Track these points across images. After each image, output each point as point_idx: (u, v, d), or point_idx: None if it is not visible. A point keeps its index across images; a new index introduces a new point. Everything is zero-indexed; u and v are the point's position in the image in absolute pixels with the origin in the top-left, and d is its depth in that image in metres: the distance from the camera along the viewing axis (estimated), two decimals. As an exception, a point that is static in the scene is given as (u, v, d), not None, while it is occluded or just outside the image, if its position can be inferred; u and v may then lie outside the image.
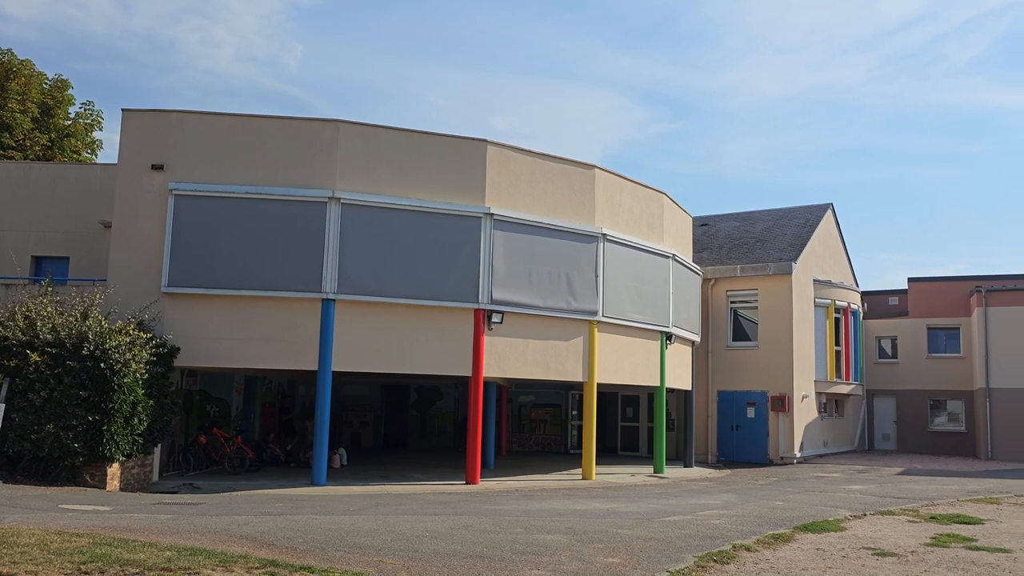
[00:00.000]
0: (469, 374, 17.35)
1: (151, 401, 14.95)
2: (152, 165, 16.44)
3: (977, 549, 10.21)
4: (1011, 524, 12.65)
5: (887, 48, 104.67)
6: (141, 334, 14.74)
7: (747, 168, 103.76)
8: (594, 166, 19.70)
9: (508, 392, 27.75)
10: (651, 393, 23.71)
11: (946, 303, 32.57)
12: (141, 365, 14.44)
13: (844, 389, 29.63)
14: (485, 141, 17.91)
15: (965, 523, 12.60)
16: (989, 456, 28.69)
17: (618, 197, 20.32)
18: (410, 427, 30.49)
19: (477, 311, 17.25)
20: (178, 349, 15.83)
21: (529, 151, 18.65)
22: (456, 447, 27.31)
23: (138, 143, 16.59)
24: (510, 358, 17.88)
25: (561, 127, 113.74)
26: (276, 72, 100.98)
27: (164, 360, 15.40)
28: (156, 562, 7.66)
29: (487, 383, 19.84)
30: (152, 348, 14.83)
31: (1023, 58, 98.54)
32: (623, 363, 20.23)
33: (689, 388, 24.36)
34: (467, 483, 17.35)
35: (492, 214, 17.47)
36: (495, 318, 17.39)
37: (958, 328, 32.42)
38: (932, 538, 10.96)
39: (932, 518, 13.15)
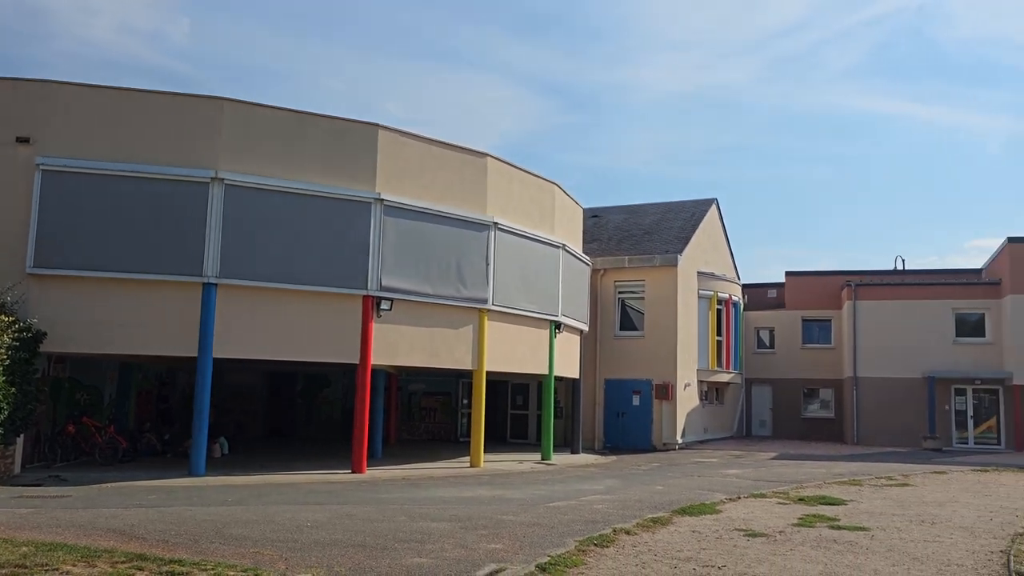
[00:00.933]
0: (357, 362, 17.08)
1: (12, 389, 14.02)
2: (16, 138, 15.41)
3: (839, 528, 10.78)
4: (871, 504, 13.42)
5: (771, 52, 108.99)
6: (3, 317, 13.83)
7: (640, 162, 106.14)
8: (487, 154, 19.69)
9: (398, 380, 27.52)
10: (540, 381, 23.95)
11: (819, 296, 34.30)
12: (2, 350, 13.54)
13: (724, 378, 30.77)
14: (376, 125, 17.62)
15: (830, 504, 13.28)
16: (855, 441, 30.39)
17: (510, 186, 20.40)
18: (296, 416, 29.86)
19: (366, 298, 16.99)
20: (44, 334, 14.92)
21: (421, 137, 18.47)
22: (344, 436, 26.77)
23: (0, 114, 15.53)
24: (399, 346, 17.70)
25: (460, 115, 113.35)
26: (161, 46, 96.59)
27: (28, 345, 14.47)
28: (9, 559, 7.21)
29: (376, 371, 19.58)
30: (15, 332, 13.92)
31: (892, 68, 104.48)
32: (513, 351, 20.36)
33: (577, 376, 24.75)
34: (353, 472, 17.10)
35: (382, 200, 17.21)
36: (384, 305, 17.17)
37: (830, 320, 34.21)
38: (799, 519, 11.50)
39: (800, 500, 13.80)
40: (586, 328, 25.11)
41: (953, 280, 31.60)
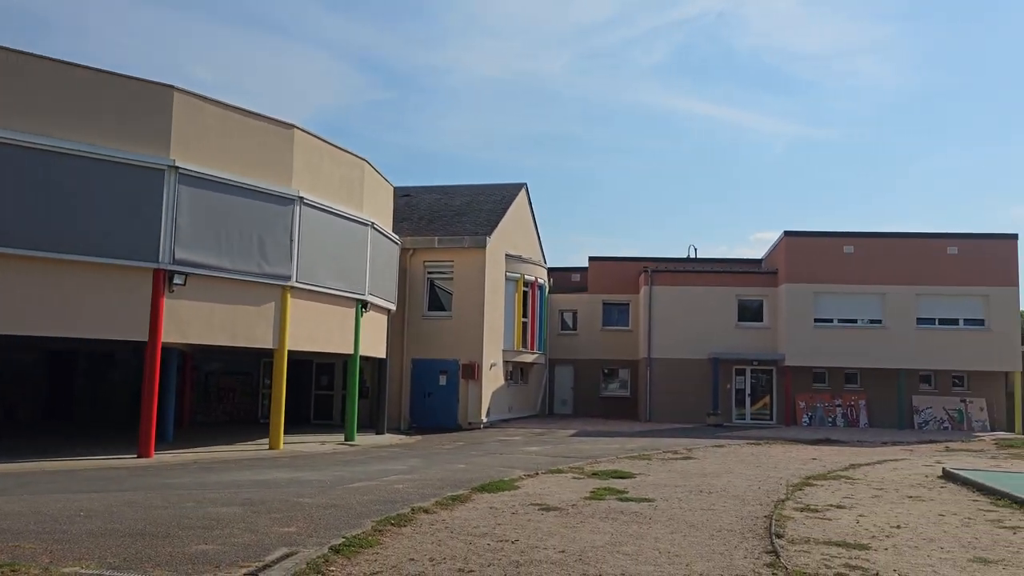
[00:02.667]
0: (146, 339, 15.97)
1: None
2: None
3: (627, 500, 11.36)
4: (657, 477, 14.27)
5: (584, 46, 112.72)
6: None
7: (455, 144, 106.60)
8: (293, 126, 18.96)
9: (193, 359, 26.07)
10: (346, 361, 23.52)
11: (619, 281, 36.03)
12: None
13: (529, 358, 31.63)
14: (171, 87, 16.45)
15: (620, 478, 13.98)
16: (648, 418, 32.24)
17: (318, 161, 19.78)
18: (79, 398, 27.61)
19: (157, 271, 15.88)
20: None
21: (222, 103, 17.47)
22: (131, 419, 25.09)
23: None
24: (193, 323, 16.72)
25: (274, 85, 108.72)
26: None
27: None
28: None
29: (168, 349, 18.38)
30: None
31: (693, 69, 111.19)
32: (317, 330, 19.83)
33: (384, 356, 24.52)
34: (139, 457, 16.01)
35: (177, 167, 16.13)
36: (177, 280, 16.13)
37: (628, 304, 36.03)
38: (591, 492, 12.02)
39: (594, 474, 14.43)
40: (394, 307, 24.92)
41: (737, 269, 34.20)
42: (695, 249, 38.23)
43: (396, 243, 25.05)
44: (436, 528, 9.06)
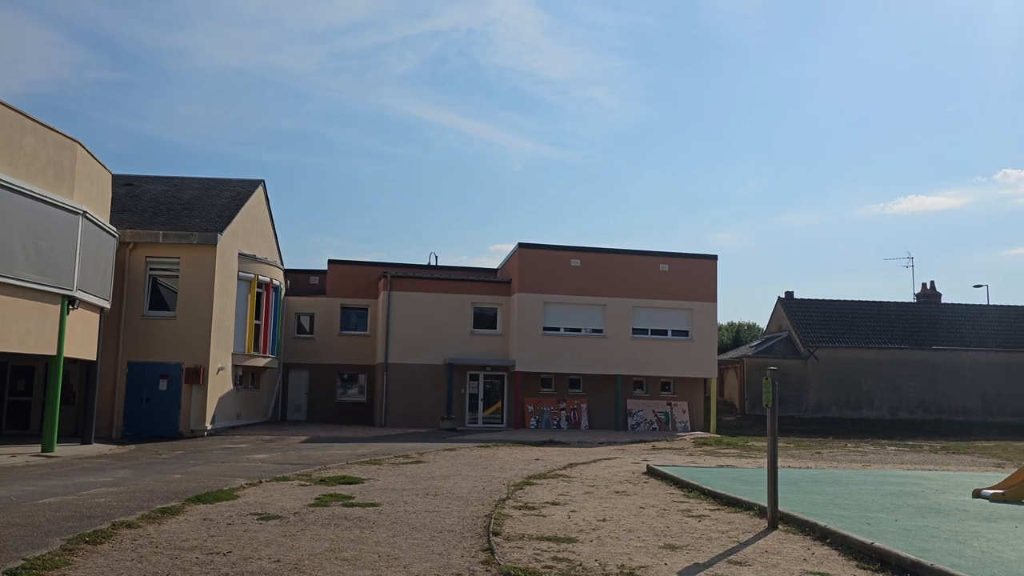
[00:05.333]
0: None
1: None
2: None
3: (352, 505, 11.20)
4: (386, 482, 14.23)
5: (335, 45, 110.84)
6: None
7: (189, 134, 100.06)
8: (-11, 96, 16.76)
9: None
10: (48, 363, 21.13)
11: (359, 285, 35.72)
12: None
13: (261, 362, 30.36)
14: None
15: (348, 483, 13.78)
16: (384, 423, 32.19)
17: (18, 137, 17.63)
18: None
19: None
20: None
21: None
22: None
23: None
24: None
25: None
26: None
27: None
28: None
29: None
30: None
31: (443, 80, 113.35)
32: (11, 328, 17.62)
33: (95, 358, 22.35)
34: None
35: None
36: None
37: (367, 308, 35.80)
38: (316, 499, 11.71)
39: (322, 481, 14.10)
40: (108, 305, 22.80)
41: (474, 278, 35.22)
42: (436, 257, 38.94)
43: (113, 235, 22.95)
44: (139, 544, 8.34)
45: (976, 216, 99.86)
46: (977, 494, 12.99)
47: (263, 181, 31.49)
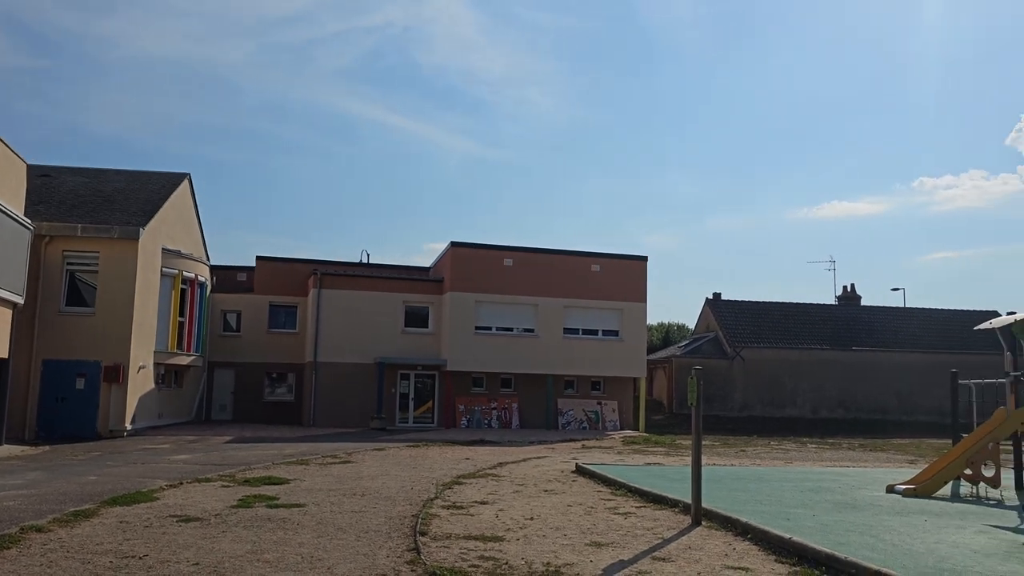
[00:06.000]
0: None
1: None
2: None
3: (277, 506, 10.98)
4: (312, 482, 14.00)
5: (268, 38, 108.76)
6: None
7: (115, 125, 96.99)
8: None
9: None
10: (-45, 361, 20.19)
11: (288, 283, 35.09)
12: None
13: (185, 360, 29.57)
14: None
15: (273, 484, 13.52)
16: (312, 423, 31.68)
17: (-74, 124, 16.78)
18: None
19: None
20: None
21: None
22: None
23: None
24: None
25: None
26: None
27: None
28: None
29: None
30: None
31: (379, 77, 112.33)
32: (-85, 324, 16.77)
33: (6, 356, 21.43)
34: None
35: None
36: None
37: (296, 306, 35.20)
38: (239, 500, 11.45)
39: (246, 481, 13.79)
40: (21, 301, 21.88)
41: (406, 276, 34.98)
42: (368, 255, 38.52)
43: (28, 228, 22.04)
44: (49, 548, 8.03)
45: (895, 222, 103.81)
46: (890, 489, 13.46)
47: (188, 174, 30.70)
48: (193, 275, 29.50)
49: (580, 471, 16.40)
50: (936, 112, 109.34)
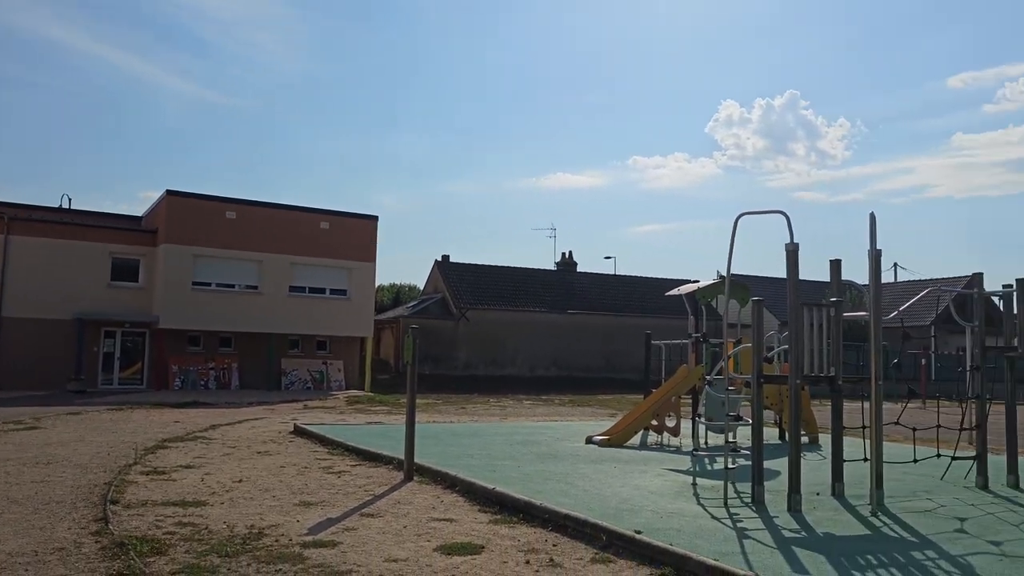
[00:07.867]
0: None
1: None
2: None
3: (-63, 480, 9.64)
4: (-13, 451, 12.46)
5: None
6: None
7: None
8: None
9: None
10: None
11: (-32, 227, 30.67)
12: None
13: None
14: None
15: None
16: (-4, 386, 28.15)
17: None
18: None
19: None
20: None
21: None
22: None
23: None
24: None
25: None
26: None
27: None
28: None
29: None
30: None
31: (92, 4, 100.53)
32: None
33: None
34: None
35: None
36: None
37: (-23, 254, 30.90)
38: None
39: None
40: None
41: (113, 225, 32.03)
42: (69, 200, 34.65)
43: None
44: None
45: (610, 195, 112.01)
46: (589, 440, 14.64)
47: None
48: None
49: (298, 431, 16.10)
50: (651, 98, 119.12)
